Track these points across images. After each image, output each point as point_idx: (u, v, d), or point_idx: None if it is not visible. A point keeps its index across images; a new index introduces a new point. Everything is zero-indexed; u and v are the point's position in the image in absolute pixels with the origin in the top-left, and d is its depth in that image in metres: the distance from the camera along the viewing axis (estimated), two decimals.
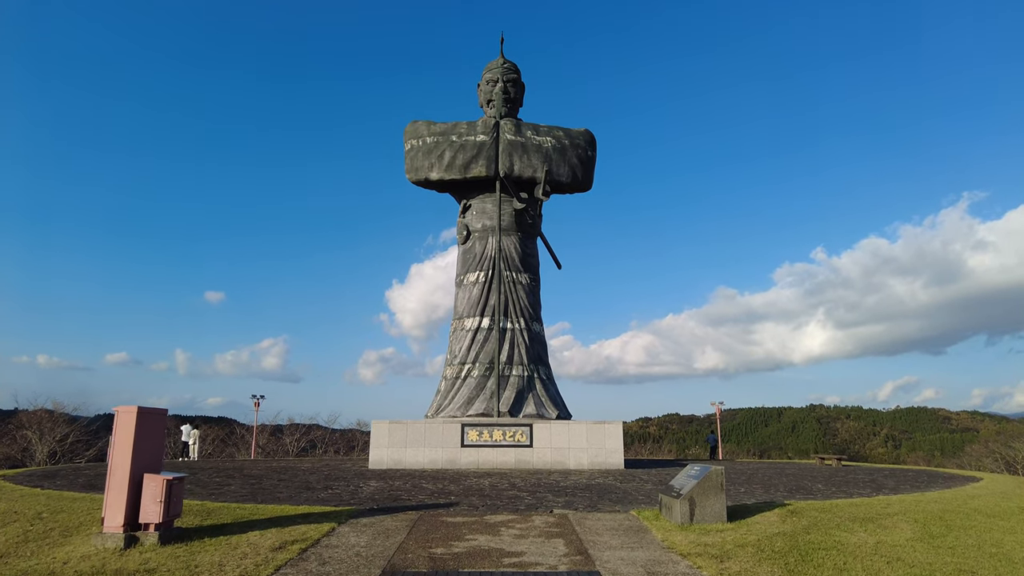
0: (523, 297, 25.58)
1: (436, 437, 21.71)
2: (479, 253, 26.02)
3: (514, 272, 25.69)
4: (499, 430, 21.83)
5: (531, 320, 25.60)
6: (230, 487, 13.99)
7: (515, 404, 23.59)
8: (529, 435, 21.80)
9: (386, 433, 21.87)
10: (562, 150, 26.35)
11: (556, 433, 21.90)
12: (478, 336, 25.00)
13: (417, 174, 26.47)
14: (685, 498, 9.14)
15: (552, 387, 25.41)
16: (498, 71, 27.64)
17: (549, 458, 21.65)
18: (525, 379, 24.40)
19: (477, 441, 21.67)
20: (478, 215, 26.58)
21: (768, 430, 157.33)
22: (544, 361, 25.77)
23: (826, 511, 10.17)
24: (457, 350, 25.27)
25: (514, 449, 21.69)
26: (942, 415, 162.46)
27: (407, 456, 21.64)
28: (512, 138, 25.84)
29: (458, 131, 26.20)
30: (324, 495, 12.48)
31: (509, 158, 25.63)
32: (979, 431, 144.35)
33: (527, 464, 21.56)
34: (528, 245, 26.68)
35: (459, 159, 25.69)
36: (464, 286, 26.15)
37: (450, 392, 24.55)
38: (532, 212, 26.50)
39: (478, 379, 24.19)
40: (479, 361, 24.56)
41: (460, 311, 25.98)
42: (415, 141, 26.77)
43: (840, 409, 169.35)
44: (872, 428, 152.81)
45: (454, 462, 21.50)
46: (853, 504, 11.10)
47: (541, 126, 26.64)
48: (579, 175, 26.68)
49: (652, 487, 15.15)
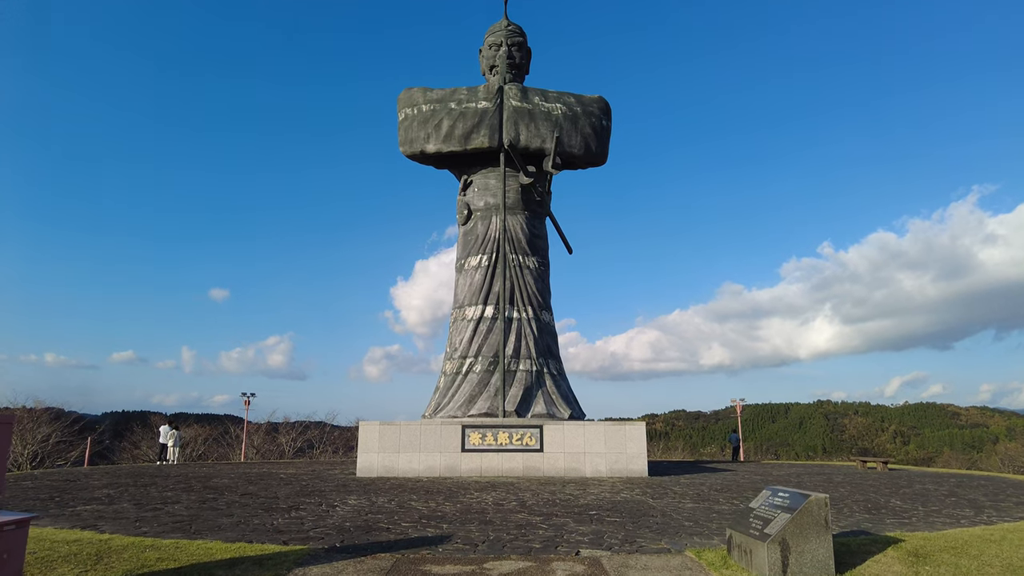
0: (531, 283, 22.82)
1: (433, 440, 18.99)
2: (481, 234, 23.27)
3: (520, 255, 22.93)
4: (504, 432, 19.10)
5: (539, 308, 22.84)
6: (173, 507, 11.30)
7: (522, 402, 20.87)
8: (539, 438, 19.07)
9: (376, 436, 19.16)
10: (574, 118, 23.54)
11: (570, 436, 19.16)
12: (480, 327, 22.27)
13: (412, 146, 23.71)
14: (775, 541, 6.39)
15: (564, 383, 22.66)
16: (502, 34, 24.83)
17: (562, 464, 18.91)
18: (533, 374, 21.66)
19: (480, 445, 18.94)
20: (480, 192, 23.81)
21: (775, 426, 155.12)
22: (555, 354, 23.02)
23: (962, 552, 7.41)
24: (457, 343, 22.55)
25: (522, 454, 18.96)
26: (951, 411, 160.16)
27: (400, 462, 18.93)
28: (518, 104, 23.05)
29: (457, 98, 23.41)
30: (282, 521, 9.77)
31: (515, 127, 22.84)
32: (989, 427, 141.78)
33: (537, 471, 18.83)
34: (536, 225, 23.91)
35: (458, 128, 22.92)
36: (465, 271, 23.40)
37: (450, 389, 21.85)
38: (540, 188, 23.71)
39: (481, 375, 21.48)
40: (482, 355, 21.84)
41: (460, 299, 23.24)
42: (410, 110, 24.00)
43: (847, 405, 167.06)
44: (880, 424, 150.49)
45: (453, 469, 18.79)
46: (986, 538, 8.31)
47: (550, 92, 23.83)
48: (593, 146, 23.88)
49: (692, 504, 12.43)
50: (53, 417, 48.60)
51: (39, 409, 49.45)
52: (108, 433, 60.54)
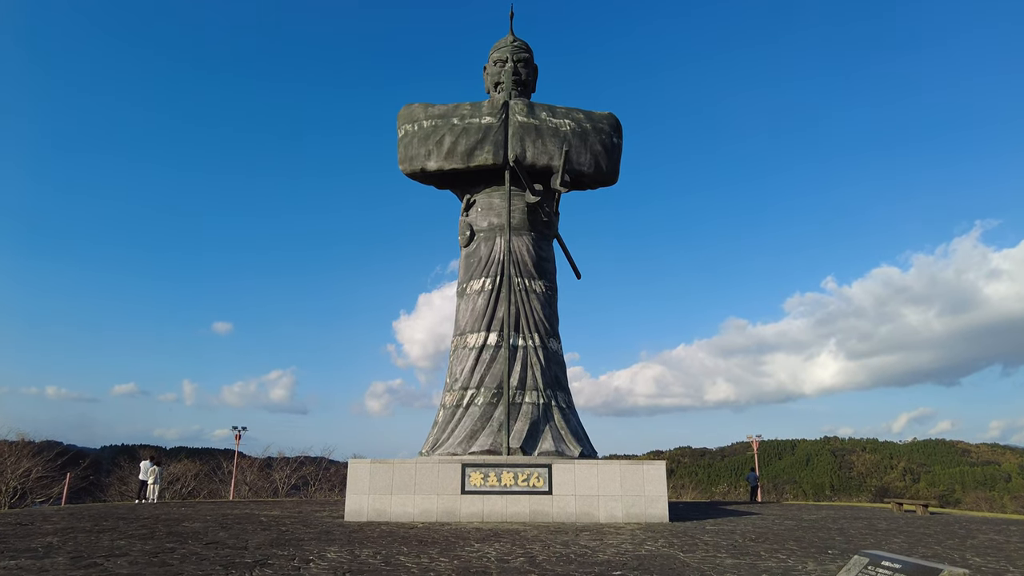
0: (537, 308, 21.19)
1: (430, 481, 17.12)
2: (485, 256, 21.75)
3: (527, 279, 21.37)
4: (509, 472, 17.24)
5: (547, 336, 21.17)
6: (115, 562, 9.50)
7: (528, 438, 19.04)
8: (547, 479, 17.19)
9: (366, 476, 17.30)
10: (583, 135, 22.23)
11: (582, 476, 17.28)
12: (483, 355, 20.57)
13: (412, 164, 22.38)
14: None
15: (573, 417, 20.84)
16: (507, 50, 23.73)
17: (574, 508, 16.99)
18: (540, 407, 19.87)
19: (481, 487, 17.05)
20: (484, 212, 22.38)
21: (782, 463, 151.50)
22: (563, 386, 21.25)
23: None
24: (458, 372, 20.83)
25: (528, 497, 17.06)
26: (961, 448, 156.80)
27: (393, 505, 17.03)
28: (524, 120, 21.76)
29: (460, 113, 22.16)
30: None
31: (520, 143, 21.51)
32: (1000, 464, 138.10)
33: (545, 516, 16.89)
34: (543, 247, 22.40)
35: (461, 145, 21.60)
36: (467, 295, 21.81)
37: (449, 424, 20.05)
38: (548, 208, 22.27)
39: (483, 407, 19.71)
40: (485, 385, 20.10)
41: (462, 325, 21.59)
42: (410, 126, 22.74)
43: (855, 441, 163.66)
44: (889, 461, 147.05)
45: (452, 513, 16.87)
46: None
47: (558, 108, 22.58)
48: (603, 164, 22.51)
49: (732, 560, 10.57)
50: (36, 451, 46.43)
51: (22, 442, 47.35)
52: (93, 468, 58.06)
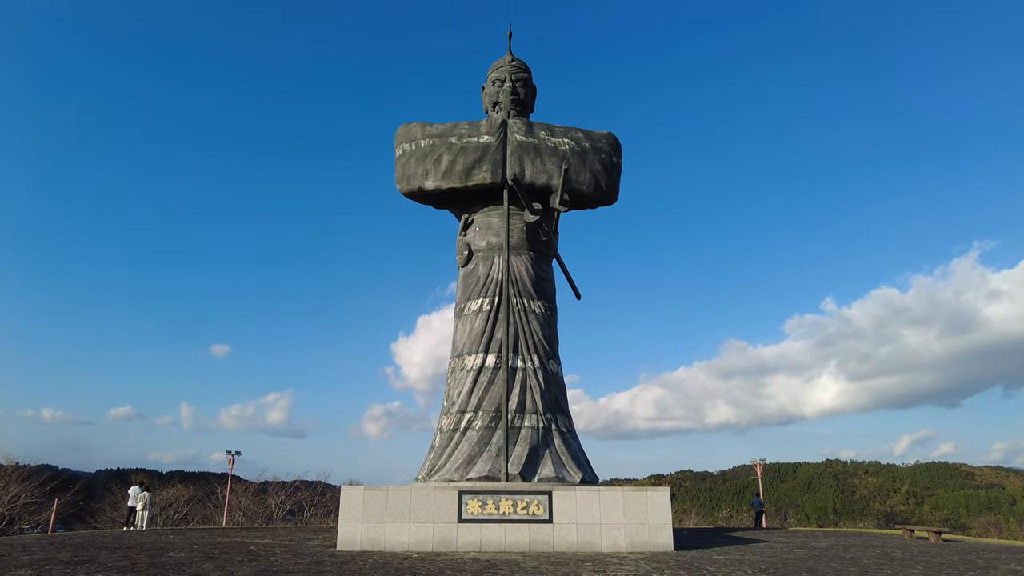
0: (537, 329, 20.75)
1: (425, 509, 16.51)
2: (483, 276, 21.37)
3: (526, 299, 20.95)
4: (508, 500, 16.64)
5: (547, 357, 20.70)
6: None
7: (528, 464, 18.46)
8: (548, 506, 16.59)
9: (359, 503, 16.68)
10: (582, 154, 22.01)
11: (583, 504, 16.69)
12: (481, 377, 20.08)
13: (409, 183, 22.11)
14: None
15: (574, 442, 20.28)
16: (505, 69, 23.63)
17: (575, 538, 16.37)
18: (540, 432, 19.33)
19: (479, 515, 16.44)
20: (482, 231, 22.04)
21: (784, 487, 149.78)
22: (563, 409, 20.72)
23: None
24: (455, 395, 20.31)
25: (528, 526, 16.44)
26: (964, 470, 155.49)
27: (387, 535, 16.39)
28: (523, 139, 21.54)
29: (458, 132, 21.94)
30: None
31: (519, 162, 21.26)
32: (1005, 487, 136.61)
33: (546, 546, 16.27)
34: (542, 267, 22.03)
35: (459, 164, 21.34)
36: (465, 316, 21.37)
37: (446, 449, 19.48)
38: (547, 227, 21.96)
39: (481, 432, 19.16)
40: (483, 409, 19.57)
41: (460, 347, 21.12)
42: (407, 145, 22.51)
43: (857, 464, 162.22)
44: (892, 484, 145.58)
45: (448, 543, 16.24)
46: None
47: (557, 127, 22.40)
48: (603, 183, 22.26)
49: None
50: (26, 475, 45.40)
51: (11, 466, 46.31)
52: (86, 493, 56.73)
